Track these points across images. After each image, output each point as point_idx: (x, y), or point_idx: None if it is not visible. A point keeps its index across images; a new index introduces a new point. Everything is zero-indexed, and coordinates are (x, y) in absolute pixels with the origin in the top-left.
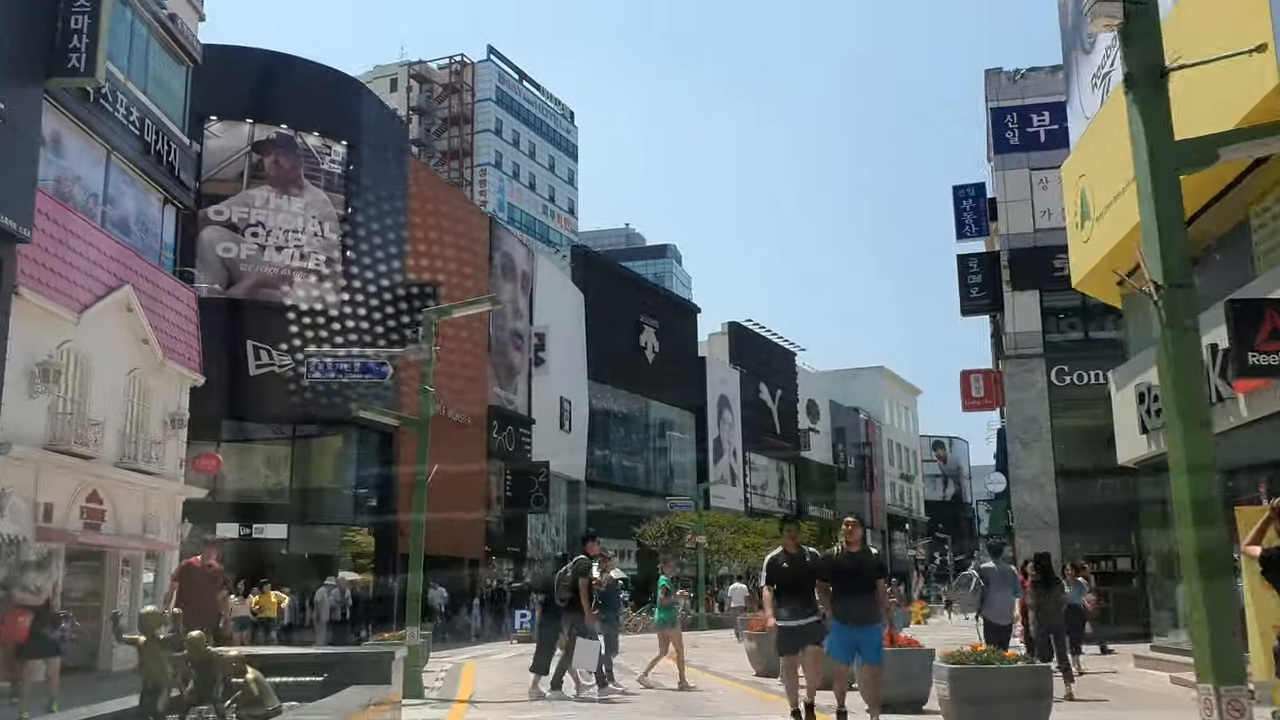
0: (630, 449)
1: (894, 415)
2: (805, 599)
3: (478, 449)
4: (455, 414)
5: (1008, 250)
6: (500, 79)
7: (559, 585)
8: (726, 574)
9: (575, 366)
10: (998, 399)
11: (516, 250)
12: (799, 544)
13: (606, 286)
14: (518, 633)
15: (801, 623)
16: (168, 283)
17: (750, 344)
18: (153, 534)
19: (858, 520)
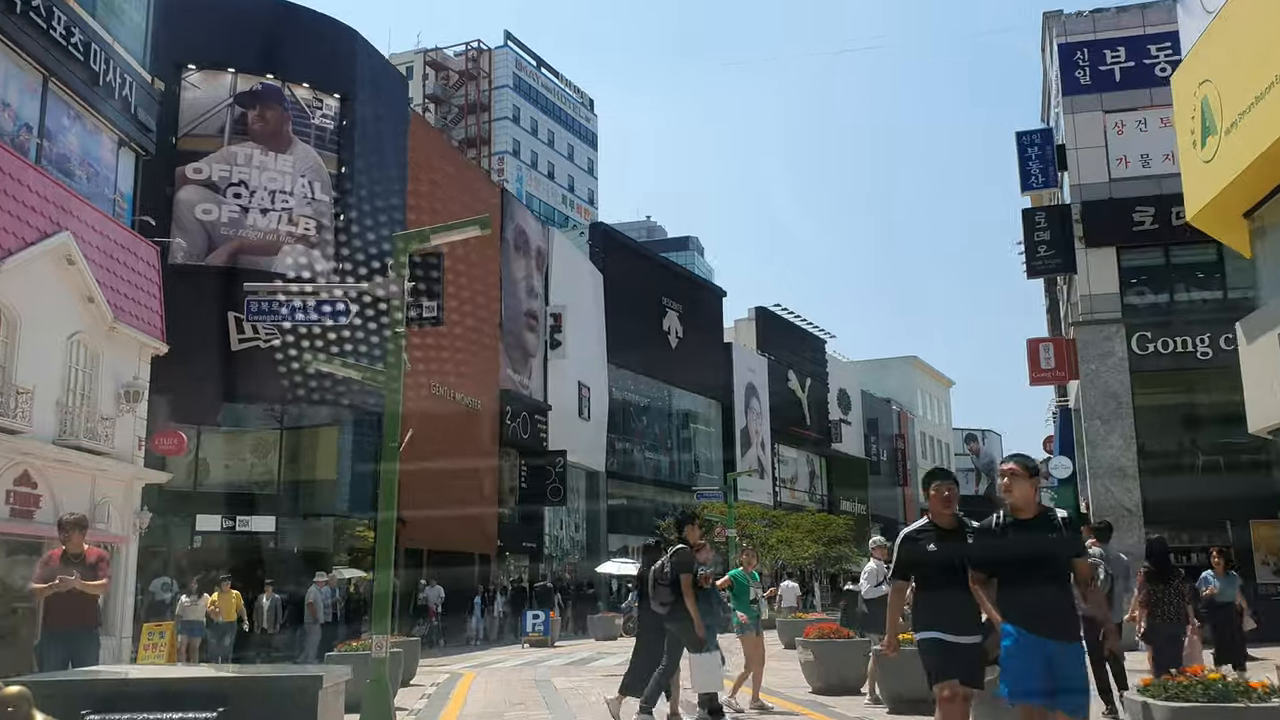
0: (653, 440)
1: (926, 407)
2: (967, 601)
3: (489, 437)
4: (464, 397)
5: (1080, 203)
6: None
7: (655, 586)
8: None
9: (594, 351)
10: (1070, 370)
11: (530, 224)
12: (956, 513)
13: (627, 267)
14: (529, 636)
15: (967, 640)
16: (122, 235)
17: (779, 330)
18: (103, 523)
19: (1023, 464)
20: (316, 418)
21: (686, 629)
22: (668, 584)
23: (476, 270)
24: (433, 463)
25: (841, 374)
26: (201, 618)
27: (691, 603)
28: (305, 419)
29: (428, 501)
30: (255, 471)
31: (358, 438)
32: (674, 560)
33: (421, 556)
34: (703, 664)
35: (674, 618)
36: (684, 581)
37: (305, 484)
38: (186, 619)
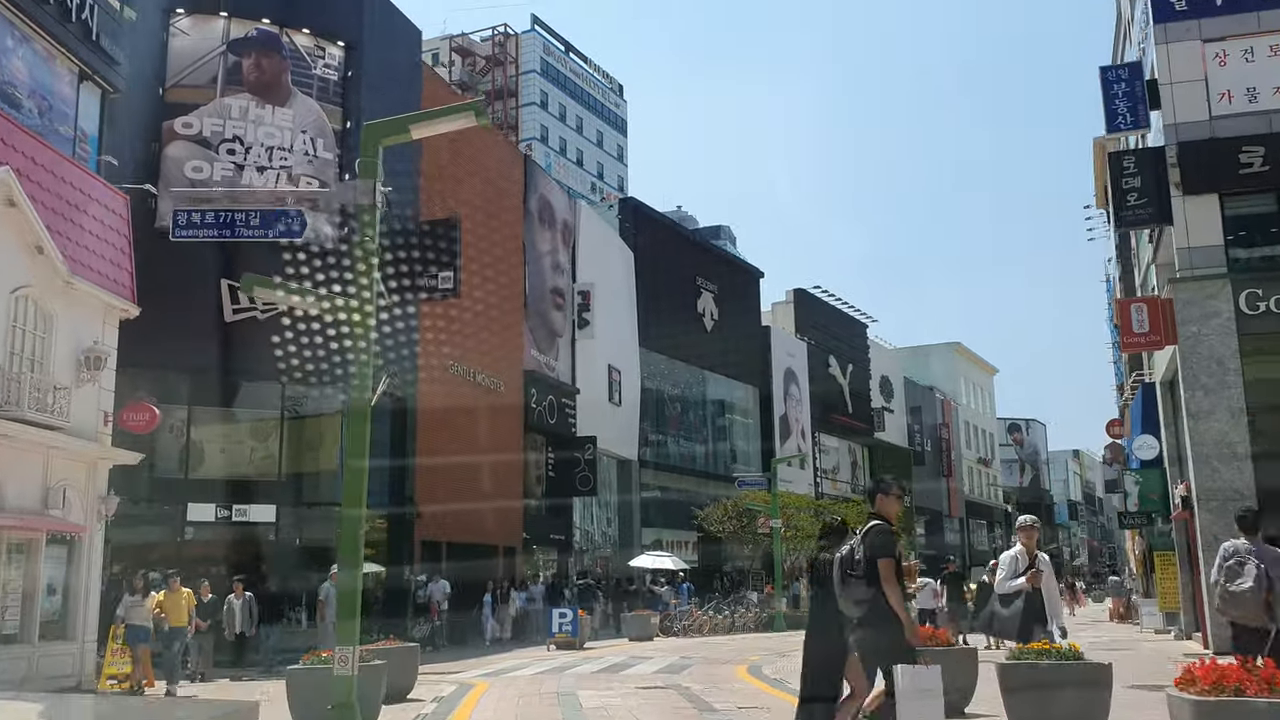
0: (687, 428)
1: (970, 395)
2: None
3: (512, 421)
4: (485, 377)
5: (1175, 144)
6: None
7: (843, 575)
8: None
9: (625, 332)
10: (1167, 334)
11: (556, 196)
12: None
13: (659, 245)
14: (555, 637)
15: None
16: (82, 179)
17: (818, 314)
18: (58, 510)
19: None
20: (321, 403)
21: (890, 635)
22: (861, 575)
23: (497, 241)
24: (451, 447)
25: (883, 360)
26: (147, 621)
27: (897, 597)
28: (309, 403)
29: (446, 490)
30: (255, 457)
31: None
32: (868, 541)
33: (440, 550)
34: (914, 680)
35: (871, 621)
36: (883, 569)
37: (309, 471)
38: (130, 623)
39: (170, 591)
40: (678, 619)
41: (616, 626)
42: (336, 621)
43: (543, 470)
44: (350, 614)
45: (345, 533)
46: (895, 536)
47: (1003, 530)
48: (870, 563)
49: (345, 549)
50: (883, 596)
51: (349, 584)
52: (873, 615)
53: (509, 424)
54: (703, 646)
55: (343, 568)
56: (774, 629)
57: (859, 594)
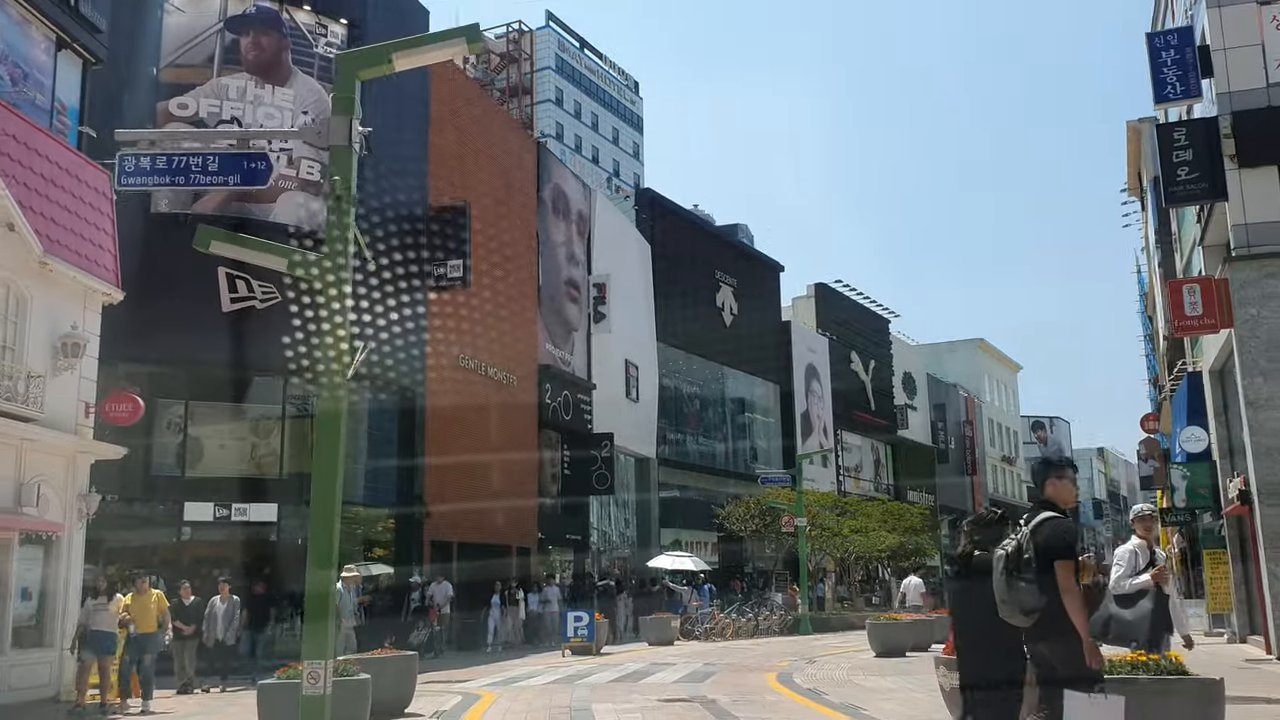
0: (706, 425)
1: (993, 392)
2: None
3: (526, 417)
4: (497, 371)
5: (1229, 114)
6: (560, 46)
7: (1009, 582)
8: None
9: (642, 326)
10: (1222, 317)
11: (570, 185)
12: None
13: (677, 237)
14: (570, 641)
15: None
16: (60, 153)
17: (839, 309)
18: (31, 507)
19: None
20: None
21: (1065, 654)
22: (1032, 578)
23: (509, 231)
24: (461, 444)
25: (905, 356)
26: (111, 628)
27: (1077, 608)
28: (313, 399)
29: (456, 488)
30: (257, 454)
31: (375, 415)
32: (1041, 536)
33: (450, 550)
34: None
35: (1044, 633)
36: (1061, 574)
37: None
38: (93, 629)
39: (137, 594)
40: (699, 622)
41: (634, 630)
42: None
43: (558, 468)
44: (320, 621)
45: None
46: (1073, 530)
47: None
48: (1044, 564)
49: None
50: (1058, 606)
51: (319, 587)
52: (1045, 629)
53: (522, 420)
54: (726, 651)
55: (314, 571)
56: (799, 632)
57: (1029, 601)
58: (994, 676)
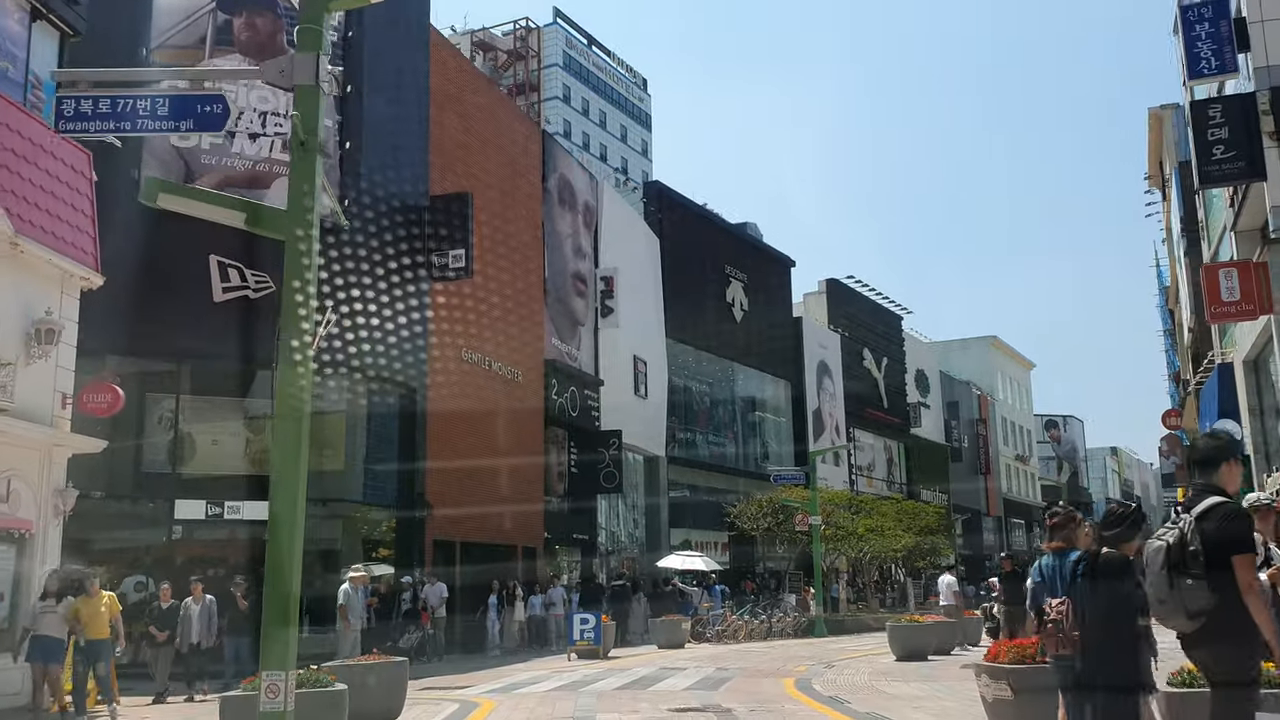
0: (717, 423)
1: (1007, 390)
2: None
3: (532, 414)
4: (502, 366)
5: (1269, 90)
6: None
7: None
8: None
9: (651, 322)
10: (1261, 302)
11: (577, 175)
12: None
13: (686, 231)
14: (577, 645)
15: None
16: (33, 128)
17: (851, 305)
18: (3, 503)
19: None
20: (325, 393)
21: (1242, 662)
22: (1200, 574)
23: (514, 222)
24: (465, 441)
25: (918, 354)
26: (58, 633)
27: (1261, 609)
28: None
29: (460, 487)
30: (251, 450)
31: (374, 411)
32: (1211, 527)
33: (453, 551)
34: None
35: (1210, 638)
36: (1241, 569)
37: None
38: (37, 634)
39: (88, 597)
40: (710, 624)
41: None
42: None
43: (565, 466)
44: (280, 629)
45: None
46: (1250, 521)
47: (1041, 530)
48: (1217, 558)
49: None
50: (1234, 607)
51: (281, 591)
52: (1212, 633)
53: (528, 417)
54: (739, 655)
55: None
56: (814, 634)
57: (1197, 602)
58: (1117, 682)
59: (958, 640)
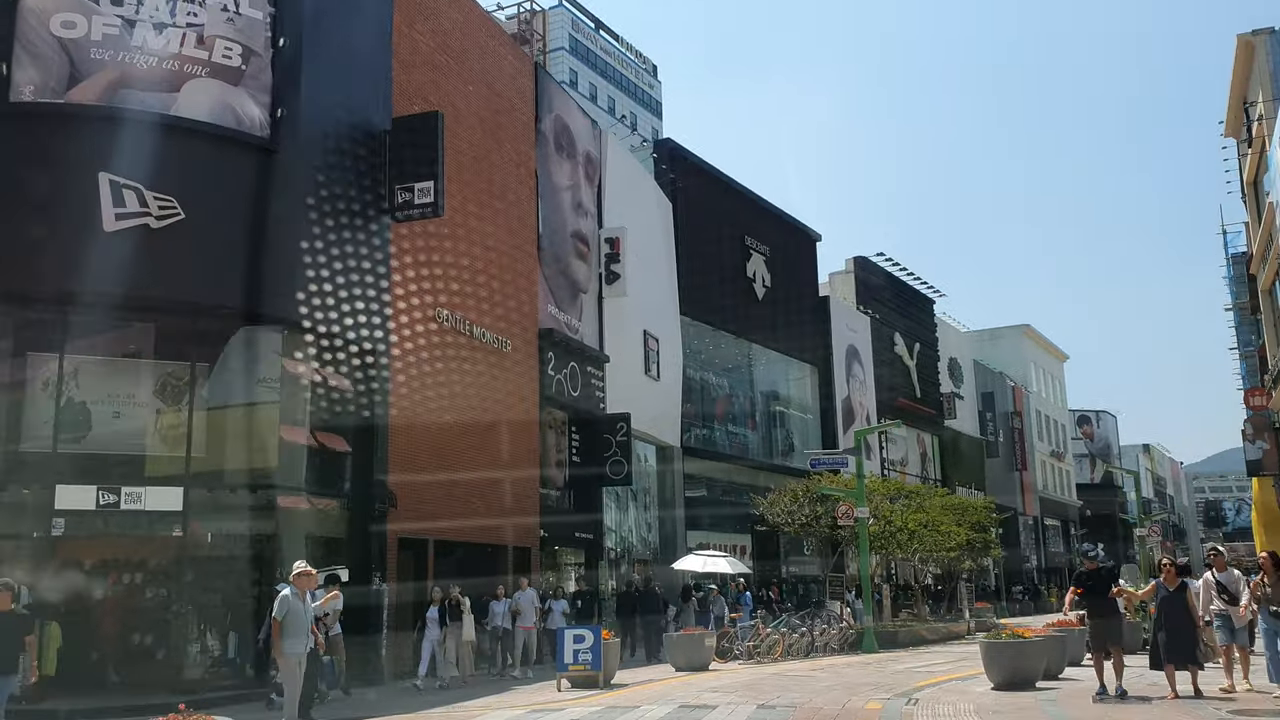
0: (736, 410)
1: (1040, 383)
2: None
3: (525, 390)
4: (487, 333)
5: None
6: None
7: None
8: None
9: (663, 295)
10: None
11: (576, 120)
12: None
13: (702, 196)
14: (570, 670)
15: None
16: None
17: (880, 286)
18: None
19: None
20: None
21: None
22: None
23: (502, 166)
24: (439, 418)
25: (951, 341)
26: None
27: None
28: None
29: (435, 473)
30: (162, 425)
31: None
32: None
33: (424, 550)
34: None
35: None
36: None
37: (235, 445)
38: None
39: None
40: (739, 638)
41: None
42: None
43: (565, 453)
44: None
45: None
46: None
47: (1077, 530)
48: None
49: None
50: None
51: None
52: None
53: (520, 394)
54: (784, 682)
55: None
56: (862, 649)
57: None
58: None
59: (1070, 658)
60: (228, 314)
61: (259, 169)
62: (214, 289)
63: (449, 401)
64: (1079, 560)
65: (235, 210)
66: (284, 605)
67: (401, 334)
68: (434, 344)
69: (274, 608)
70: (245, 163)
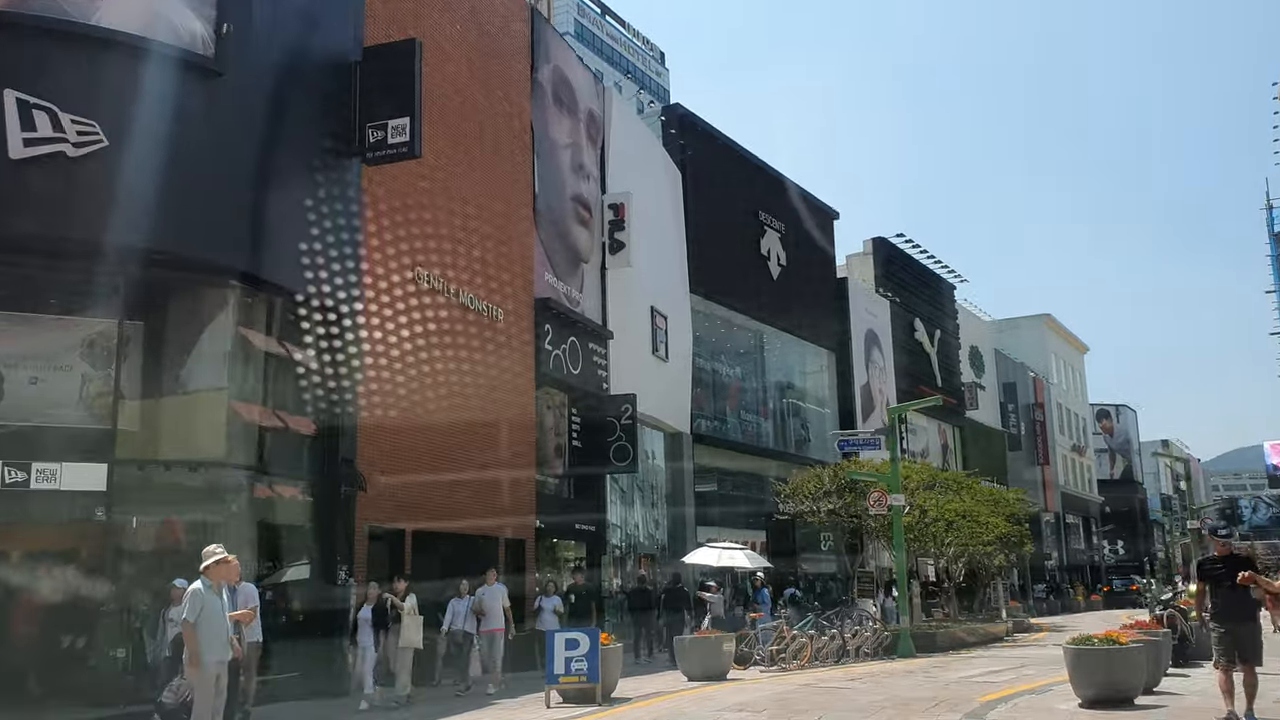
0: (749, 396)
1: (1061, 374)
2: None
3: (519, 366)
4: (475, 299)
5: None
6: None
7: None
8: None
9: (672, 270)
10: None
11: (577, 73)
12: None
13: (714, 168)
14: (561, 682)
15: None
16: None
17: (900, 270)
18: None
19: None
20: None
21: None
22: None
23: (493, 116)
24: (419, 393)
25: (971, 329)
26: None
27: None
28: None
29: (412, 455)
30: (88, 393)
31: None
32: None
33: (401, 543)
34: None
35: None
36: None
37: (170, 412)
38: None
39: None
40: (760, 642)
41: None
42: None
43: (564, 438)
44: None
45: None
46: None
47: (1098, 526)
48: None
49: None
50: None
51: None
52: None
53: (513, 369)
54: (819, 697)
55: None
56: (898, 654)
57: None
58: None
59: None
60: (162, 262)
61: (201, 94)
62: (146, 232)
63: (430, 374)
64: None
65: (172, 141)
66: (197, 603)
67: (375, 294)
68: (413, 308)
69: (185, 608)
70: (184, 86)
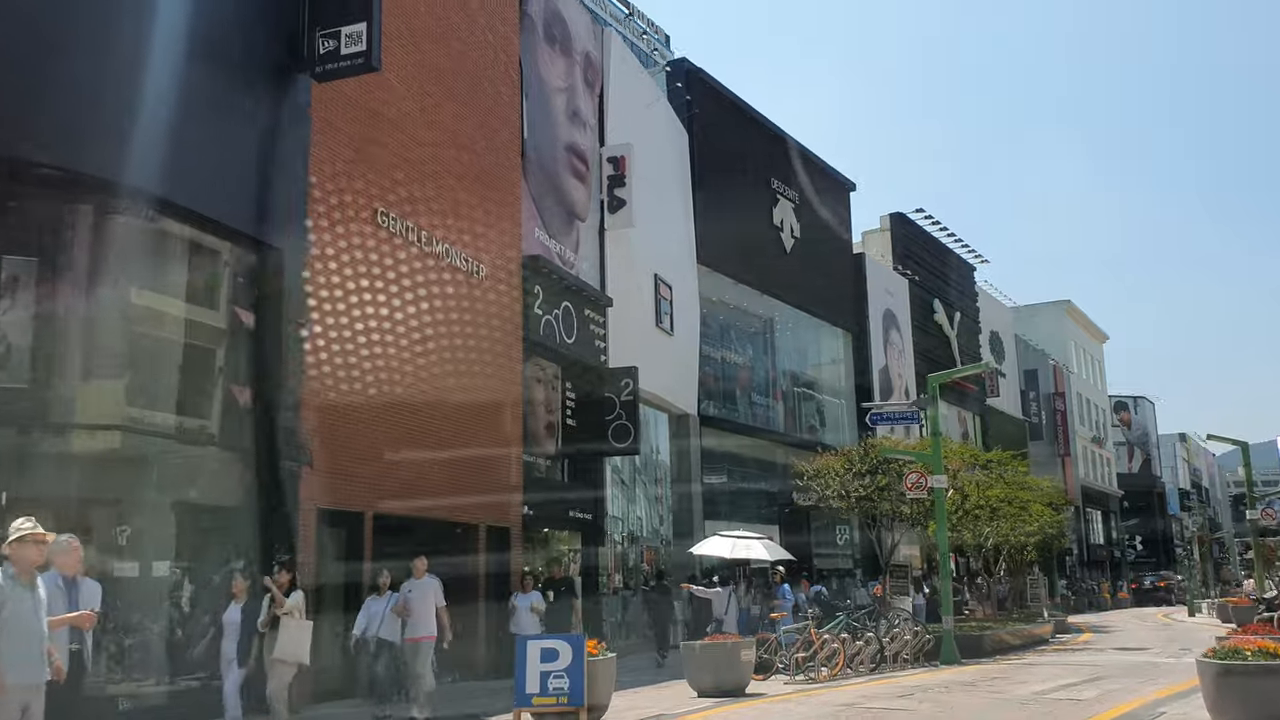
0: (761, 379)
1: (1080, 364)
2: None
3: (503, 331)
4: (453, 251)
5: None
6: None
7: None
8: None
9: (677, 236)
10: None
11: (572, 9)
12: None
13: (723, 129)
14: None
15: None
16: None
17: (919, 247)
18: None
19: None
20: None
21: None
22: None
23: (474, 46)
24: (380, 357)
25: (992, 313)
26: None
27: None
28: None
29: (369, 427)
30: None
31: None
32: None
33: (359, 527)
34: None
35: None
36: None
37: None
38: None
39: None
40: (784, 648)
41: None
42: None
43: (557, 414)
44: None
45: None
46: None
47: (1118, 520)
48: None
49: None
50: None
51: None
52: None
53: (496, 334)
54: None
55: None
56: (943, 660)
57: None
58: None
59: None
60: (58, 183)
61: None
62: (41, 145)
63: (394, 332)
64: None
65: (72, 37)
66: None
67: (328, 238)
68: (371, 253)
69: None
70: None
